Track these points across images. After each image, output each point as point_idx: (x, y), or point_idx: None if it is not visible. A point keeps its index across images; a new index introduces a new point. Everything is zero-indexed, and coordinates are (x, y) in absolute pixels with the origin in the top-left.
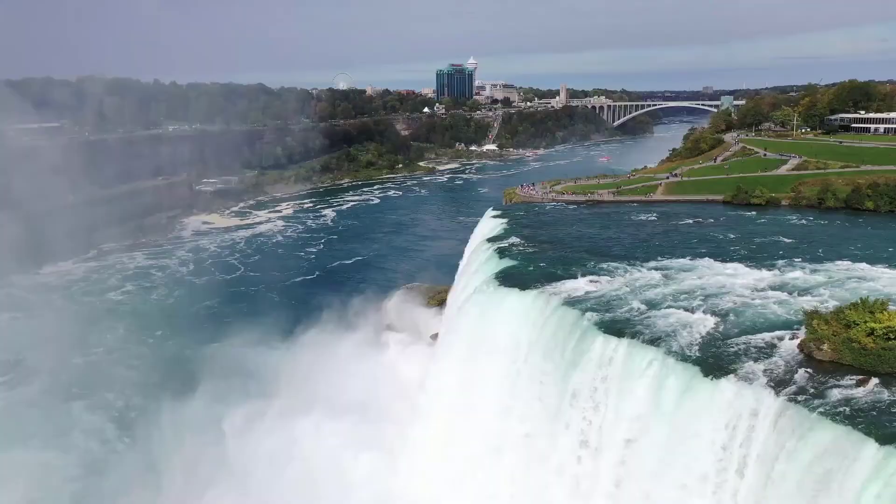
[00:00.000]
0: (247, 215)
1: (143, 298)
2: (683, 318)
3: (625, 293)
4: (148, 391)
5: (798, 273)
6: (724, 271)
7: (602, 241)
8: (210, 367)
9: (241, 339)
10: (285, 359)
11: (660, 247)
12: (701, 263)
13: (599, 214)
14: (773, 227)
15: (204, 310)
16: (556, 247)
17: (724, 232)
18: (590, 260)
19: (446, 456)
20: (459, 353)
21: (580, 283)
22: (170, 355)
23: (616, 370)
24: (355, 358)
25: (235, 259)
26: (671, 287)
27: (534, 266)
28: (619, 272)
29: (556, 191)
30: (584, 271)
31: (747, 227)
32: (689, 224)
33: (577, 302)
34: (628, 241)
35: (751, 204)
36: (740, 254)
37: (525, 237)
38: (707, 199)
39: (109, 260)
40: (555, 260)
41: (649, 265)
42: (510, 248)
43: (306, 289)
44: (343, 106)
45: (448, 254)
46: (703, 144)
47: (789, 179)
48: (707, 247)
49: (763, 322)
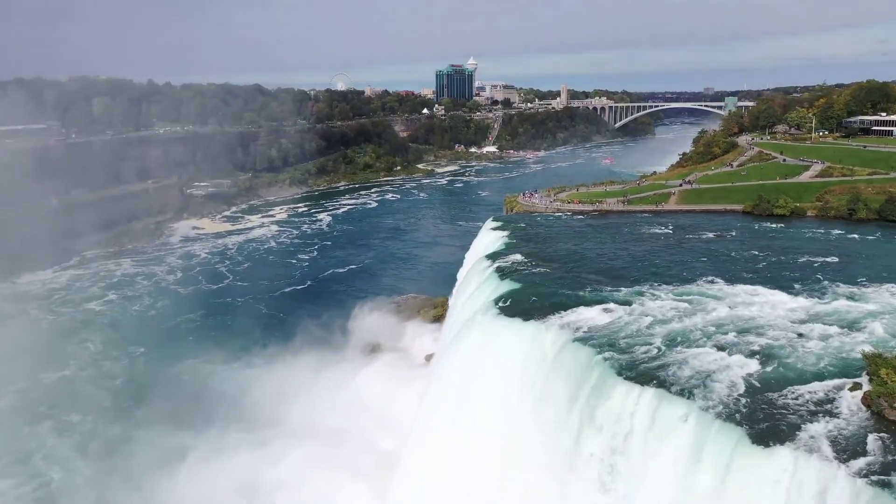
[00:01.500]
0: (239, 220)
1: (123, 309)
2: (718, 360)
3: (645, 326)
4: (116, 415)
5: (842, 302)
6: (756, 298)
7: (614, 258)
8: (182, 389)
9: (219, 356)
10: (263, 380)
11: (679, 267)
12: (728, 288)
13: (608, 227)
14: (802, 243)
15: (185, 323)
16: (562, 266)
17: (748, 248)
18: (601, 283)
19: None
20: (453, 393)
21: (592, 312)
22: (143, 374)
23: (640, 427)
24: (337, 382)
25: (224, 267)
26: (698, 318)
27: (538, 290)
28: (636, 298)
29: (560, 199)
30: (595, 297)
31: (774, 243)
32: (709, 239)
33: (589, 337)
34: (643, 260)
35: (773, 215)
36: (771, 276)
37: (528, 254)
38: (725, 208)
39: (92, 267)
40: (562, 282)
41: (670, 290)
42: (511, 268)
43: (295, 300)
44: (340, 107)
45: (446, 261)
46: (715, 148)
47: (813, 187)
48: (733, 267)
49: (813, 367)
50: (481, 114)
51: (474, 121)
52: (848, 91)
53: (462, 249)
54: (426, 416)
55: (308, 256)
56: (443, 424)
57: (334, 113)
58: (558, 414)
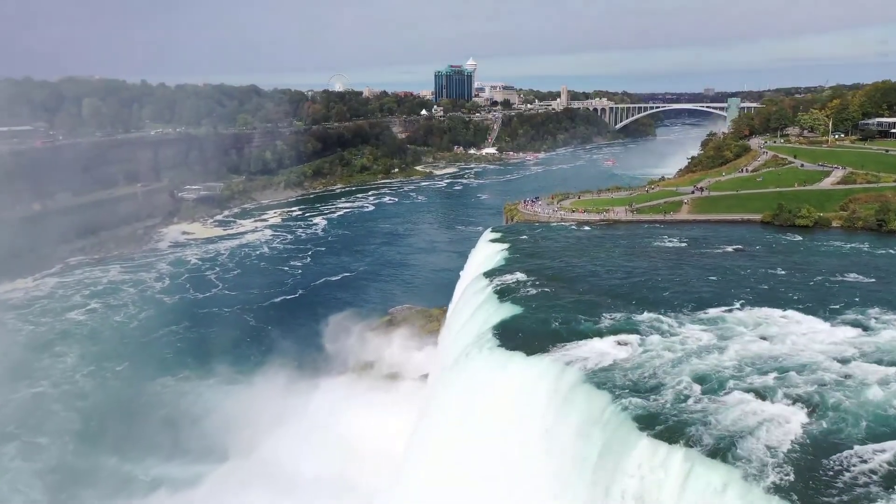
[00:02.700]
0: (231, 224)
1: (104, 320)
2: (758, 409)
3: (667, 363)
4: (83, 440)
5: (893, 332)
6: (791, 327)
7: (625, 277)
8: (154, 411)
9: (197, 373)
10: (239, 402)
11: (699, 287)
12: (757, 313)
13: (617, 239)
14: (831, 259)
15: (167, 335)
16: (568, 286)
17: (773, 265)
18: (613, 307)
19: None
20: (444, 439)
21: (605, 344)
22: (116, 393)
23: (668, 498)
24: (320, 407)
25: (214, 274)
26: (729, 354)
27: (542, 316)
28: (654, 327)
29: (564, 207)
30: (607, 325)
31: (801, 259)
32: (728, 254)
33: (603, 377)
34: (658, 279)
35: (795, 225)
36: (803, 299)
37: (530, 271)
38: (742, 218)
39: (75, 275)
40: (568, 306)
41: (691, 316)
42: (512, 288)
43: (285, 311)
44: (337, 108)
45: (444, 268)
46: (726, 152)
47: (836, 195)
48: (759, 287)
49: (875, 420)
50: (480, 115)
51: (473, 122)
52: (862, 92)
53: (460, 256)
54: (415, 460)
55: (301, 263)
56: (434, 471)
57: (331, 114)
58: (567, 474)
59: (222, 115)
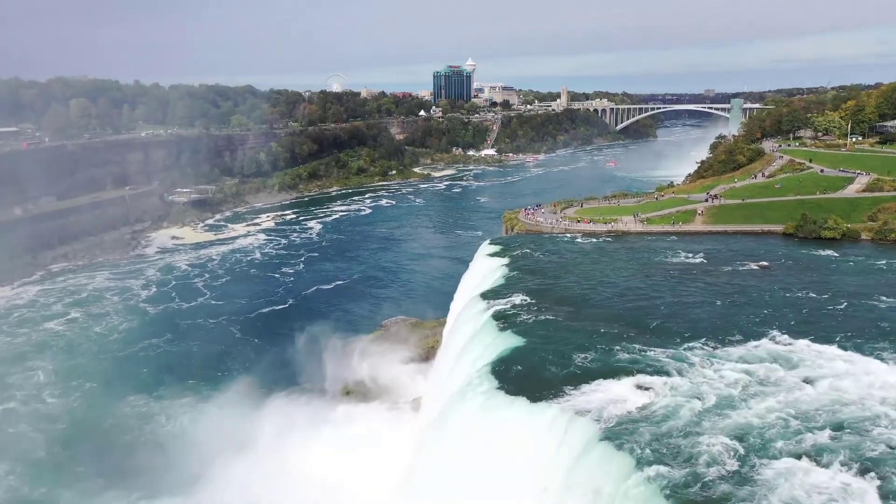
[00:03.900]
0: (222, 229)
1: (83, 330)
2: (816, 482)
3: (698, 415)
4: (45, 468)
5: None
6: (839, 366)
7: (639, 300)
8: (122, 434)
9: (173, 391)
10: (213, 426)
11: (725, 315)
12: (797, 348)
13: (628, 253)
14: (869, 278)
15: (147, 349)
16: (576, 311)
17: (806, 286)
18: (628, 338)
19: None
20: (439, 491)
21: (622, 387)
22: (85, 414)
23: None
24: (297, 437)
25: (202, 281)
26: (770, 403)
27: (547, 349)
28: (678, 366)
29: (567, 217)
30: (624, 363)
31: (834, 279)
32: (752, 272)
33: (622, 434)
34: (677, 303)
35: (821, 238)
36: (848, 330)
37: (532, 292)
38: (762, 229)
39: (57, 283)
40: (578, 338)
41: (720, 351)
42: (513, 314)
43: (273, 322)
44: (334, 109)
45: (441, 276)
46: (739, 156)
47: (863, 204)
48: (793, 315)
49: None
50: (480, 116)
51: (472, 123)
52: (878, 92)
53: (458, 263)
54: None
55: (293, 270)
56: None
57: (327, 115)
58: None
59: (216, 116)
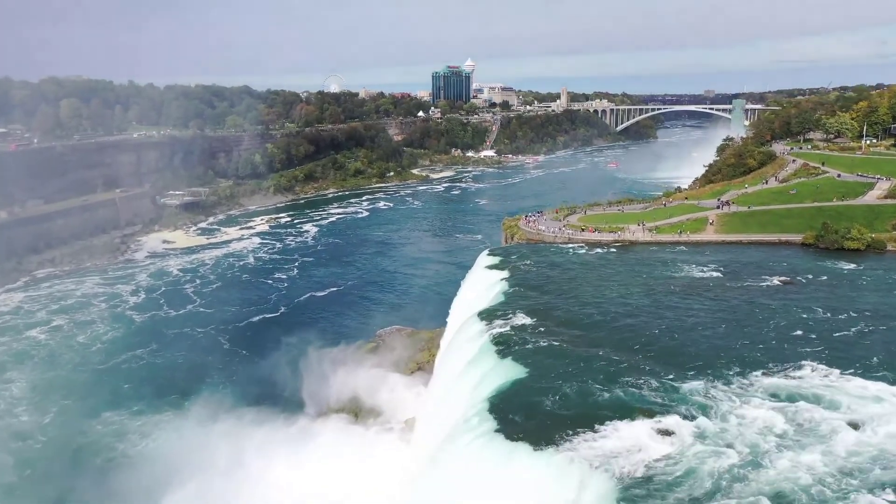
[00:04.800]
0: (215, 233)
1: (66, 340)
2: None
3: (731, 470)
4: (11, 494)
5: None
6: (885, 408)
7: (652, 321)
8: (95, 456)
9: (154, 407)
10: (191, 446)
11: (750, 340)
12: (838, 384)
13: (637, 266)
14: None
15: (131, 360)
16: (583, 335)
17: (836, 305)
18: (644, 369)
19: None
20: None
21: (639, 431)
22: (60, 432)
23: None
24: (279, 460)
25: (192, 288)
26: (814, 455)
27: (552, 382)
28: (704, 404)
29: (571, 225)
30: (640, 400)
31: (867, 296)
32: (775, 288)
33: (642, 494)
34: (696, 325)
35: (844, 249)
36: (892, 358)
37: (534, 311)
38: (779, 239)
39: (42, 289)
40: (586, 368)
41: (749, 385)
42: (513, 338)
43: (263, 332)
44: (331, 109)
45: (439, 282)
46: (749, 160)
47: (886, 211)
48: (827, 341)
49: None
50: (479, 116)
51: (472, 124)
52: (891, 93)
53: (457, 268)
54: None
55: (286, 276)
56: None
57: (324, 116)
58: None
59: (211, 117)
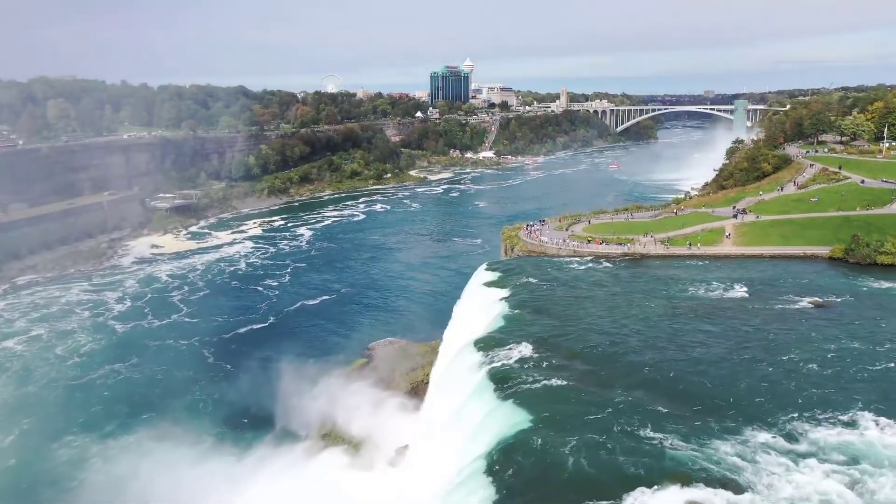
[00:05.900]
0: (205, 237)
1: (42, 353)
2: None
3: None
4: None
5: None
6: None
7: (676, 355)
8: (55, 485)
9: (127, 427)
10: (159, 475)
11: (790, 379)
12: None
13: (650, 283)
14: None
15: (108, 375)
16: (595, 371)
17: (883, 334)
18: (670, 418)
19: None
20: None
21: (671, 500)
22: (22, 456)
23: None
24: None
25: (179, 295)
26: None
27: (561, 435)
28: (747, 468)
29: (576, 236)
30: (671, 463)
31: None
32: (807, 312)
33: None
34: (723, 361)
35: (876, 264)
36: None
37: (539, 341)
38: (804, 252)
39: (22, 297)
40: (601, 416)
41: (798, 444)
42: (515, 374)
43: (250, 345)
44: (328, 110)
45: (436, 290)
46: (763, 164)
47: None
48: (884, 382)
49: None
50: (478, 117)
51: (470, 124)
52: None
53: (456, 275)
54: None
55: (277, 283)
56: None
57: (321, 116)
58: None
59: (205, 118)
